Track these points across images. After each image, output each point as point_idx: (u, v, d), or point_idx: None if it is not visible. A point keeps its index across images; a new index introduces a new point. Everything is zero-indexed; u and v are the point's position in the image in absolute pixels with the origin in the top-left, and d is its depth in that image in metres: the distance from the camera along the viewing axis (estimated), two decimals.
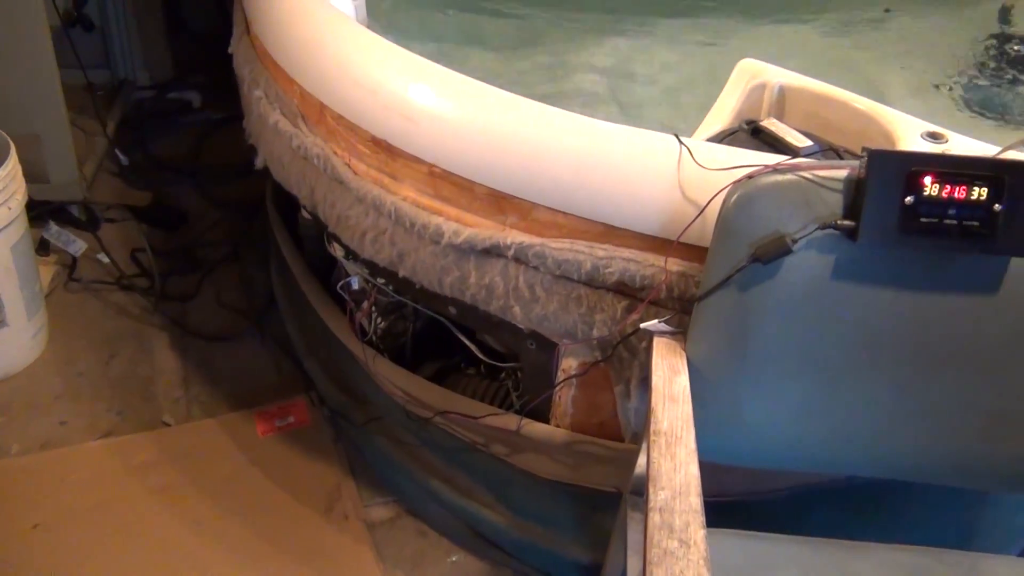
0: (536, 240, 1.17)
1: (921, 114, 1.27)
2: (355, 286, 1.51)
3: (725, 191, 0.99)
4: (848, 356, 1.01)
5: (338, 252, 1.48)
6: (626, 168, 1.11)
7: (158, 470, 1.61)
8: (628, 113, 1.70)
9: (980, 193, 0.93)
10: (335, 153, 1.36)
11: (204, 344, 1.91)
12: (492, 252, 1.21)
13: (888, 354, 1.01)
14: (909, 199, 0.93)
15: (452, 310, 1.35)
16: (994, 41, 1.97)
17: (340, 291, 1.54)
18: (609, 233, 1.14)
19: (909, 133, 1.19)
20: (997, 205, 0.93)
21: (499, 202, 1.19)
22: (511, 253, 1.19)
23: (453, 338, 1.45)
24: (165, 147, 2.54)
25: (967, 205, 0.93)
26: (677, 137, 1.11)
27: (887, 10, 2.11)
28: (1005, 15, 2.03)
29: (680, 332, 1.08)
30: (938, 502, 1.27)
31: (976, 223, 0.94)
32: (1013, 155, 0.98)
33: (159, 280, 2.06)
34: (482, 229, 1.20)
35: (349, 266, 1.49)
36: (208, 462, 1.63)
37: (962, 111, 1.74)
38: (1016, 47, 1.93)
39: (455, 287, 1.26)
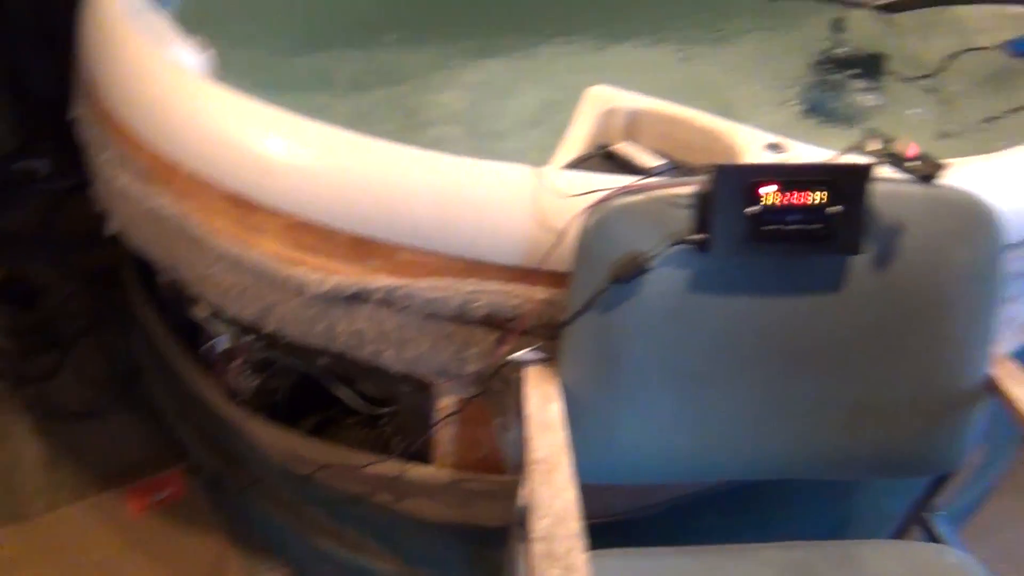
0: (402, 281, 1.17)
1: (765, 126, 1.33)
2: (223, 346, 1.47)
3: (581, 216, 1.02)
4: (712, 364, 1.05)
5: (202, 313, 1.44)
6: (484, 202, 1.12)
7: (23, 566, 1.52)
8: (486, 146, 1.72)
9: (818, 198, 0.98)
10: (191, 212, 1.33)
11: (69, 424, 1.83)
12: (359, 298, 1.20)
13: (749, 358, 1.05)
14: (753, 209, 0.98)
15: (324, 361, 1.33)
16: (827, 50, 2.09)
17: (207, 353, 1.50)
18: (474, 267, 1.15)
19: (752, 145, 1.25)
20: (834, 208, 0.98)
21: (362, 247, 1.19)
22: (378, 297, 1.18)
23: (328, 389, 1.44)
24: (13, 220, 2.45)
25: (807, 210, 0.98)
26: (532, 167, 1.13)
27: None
28: (837, 26, 2.16)
29: (551, 359, 1.10)
30: (812, 496, 1.32)
31: (817, 226, 0.99)
32: (848, 159, 1.04)
33: (16, 361, 1.97)
34: (347, 276, 1.20)
35: (215, 326, 1.45)
36: (79, 551, 1.55)
37: (803, 120, 1.83)
38: (843, 51, 2.06)
39: (324, 337, 1.25)
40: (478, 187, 1.13)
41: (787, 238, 0.99)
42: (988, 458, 1.54)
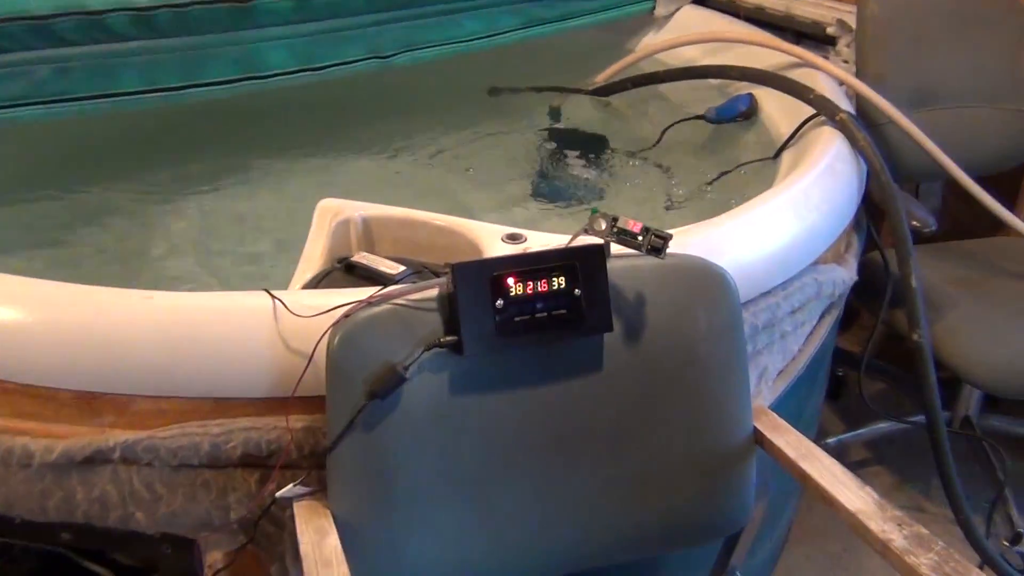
0: (142, 434, 1.09)
1: (503, 219, 1.36)
2: None
3: (327, 335, 0.99)
4: (487, 465, 1.04)
5: None
6: (222, 336, 1.07)
7: None
8: (222, 274, 1.66)
9: (559, 282, 1.00)
10: None
11: None
12: (96, 460, 1.10)
13: (523, 452, 1.05)
14: (499, 302, 0.99)
15: (66, 536, 1.21)
16: (546, 135, 2.20)
17: None
18: (221, 407, 1.09)
19: (491, 239, 1.27)
20: (576, 290, 1.01)
21: (90, 403, 1.10)
22: (117, 455, 1.09)
23: (78, 566, 1.30)
24: None
25: (551, 296, 1.01)
26: (268, 292, 1.09)
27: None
28: (555, 114, 2.28)
29: (320, 490, 1.05)
30: None
31: (564, 311, 1.01)
32: (581, 241, 1.08)
33: None
34: (77, 438, 1.10)
35: None
36: None
37: (538, 207, 1.90)
38: (567, 135, 2.18)
39: (62, 509, 1.13)
40: (213, 321, 1.08)
41: (538, 327, 1.01)
42: (772, 510, 1.62)
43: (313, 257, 1.30)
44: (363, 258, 1.29)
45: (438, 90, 2.32)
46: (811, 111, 1.75)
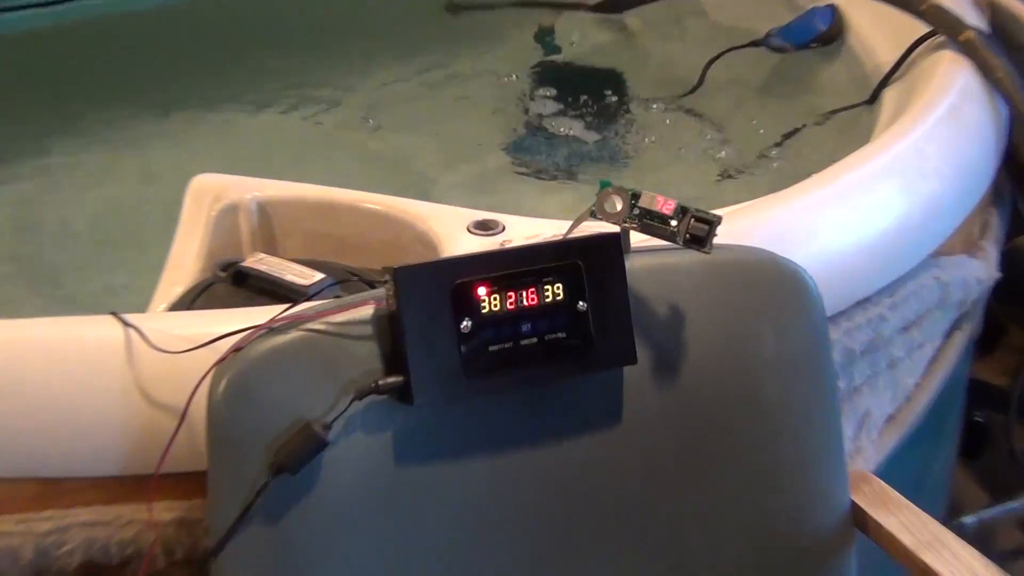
0: None
1: (470, 200, 1.36)
2: None
3: (207, 380, 0.99)
4: (453, 569, 1.03)
5: None
6: (48, 384, 1.07)
7: None
8: (49, 289, 1.66)
9: (555, 292, 1.00)
10: None
11: None
12: None
13: (506, 549, 1.05)
14: (465, 324, 0.98)
15: None
16: (533, 74, 2.20)
17: None
18: (49, 492, 1.09)
19: (452, 229, 1.27)
20: (581, 303, 1.00)
21: None
22: None
23: None
24: None
25: (544, 313, 1.00)
26: (117, 315, 1.09)
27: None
28: (546, 40, 2.28)
29: None
30: None
31: (563, 334, 1.00)
32: (587, 230, 1.07)
33: None
34: None
35: None
36: None
37: (521, 179, 1.90)
38: (553, 65, 2.17)
39: None
40: (35, 362, 1.08)
41: (525, 359, 1.00)
42: None
43: (184, 262, 1.30)
44: (260, 262, 1.28)
45: (374, 9, 2.33)
46: (924, 29, 1.75)
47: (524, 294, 0.99)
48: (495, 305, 0.99)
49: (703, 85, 2.11)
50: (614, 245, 1.03)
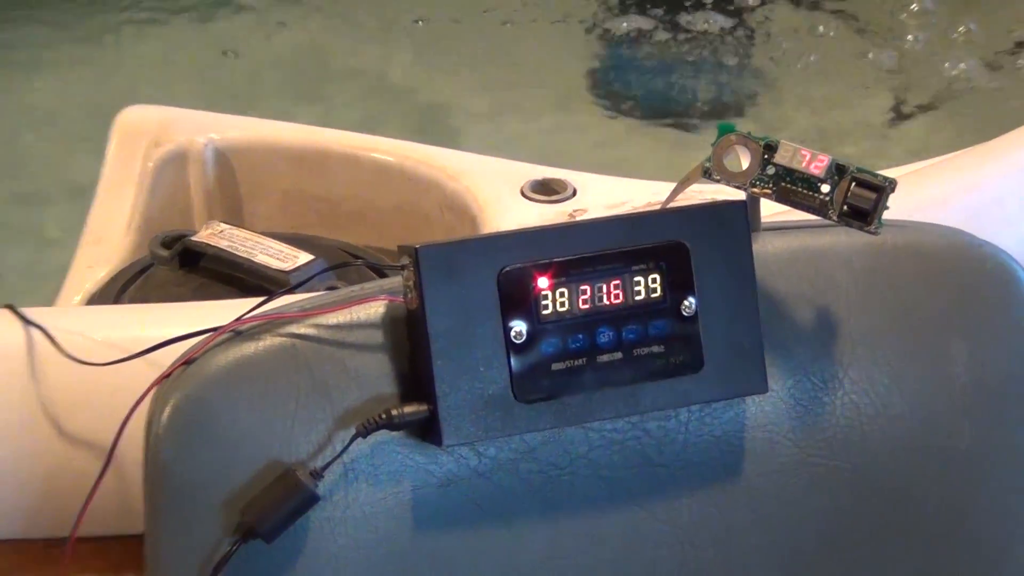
0: None
1: (528, 148, 1.36)
2: None
3: (143, 405, 1.00)
4: None
5: None
6: None
7: None
8: None
9: (648, 285, 0.99)
10: None
11: None
12: None
13: None
14: (517, 330, 0.97)
15: None
16: None
17: None
18: None
19: (502, 191, 1.27)
20: (688, 302, 1.00)
21: None
22: None
23: None
24: None
25: (633, 315, 1.00)
26: (13, 309, 1.09)
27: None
28: None
29: None
30: None
31: (660, 347, 1.00)
32: (695, 197, 1.07)
33: None
34: None
35: None
36: None
37: (603, 117, 1.90)
38: None
39: None
40: None
41: (603, 381, 1.00)
42: None
43: (108, 235, 1.31)
44: (218, 236, 1.28)
45: None
46: None
47: (604, 288, 0.99)
48: (561, 304, 0.99)
49: None
50: (738, 219, 1.02)
